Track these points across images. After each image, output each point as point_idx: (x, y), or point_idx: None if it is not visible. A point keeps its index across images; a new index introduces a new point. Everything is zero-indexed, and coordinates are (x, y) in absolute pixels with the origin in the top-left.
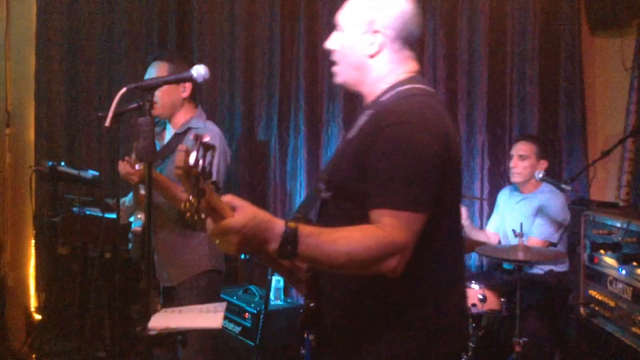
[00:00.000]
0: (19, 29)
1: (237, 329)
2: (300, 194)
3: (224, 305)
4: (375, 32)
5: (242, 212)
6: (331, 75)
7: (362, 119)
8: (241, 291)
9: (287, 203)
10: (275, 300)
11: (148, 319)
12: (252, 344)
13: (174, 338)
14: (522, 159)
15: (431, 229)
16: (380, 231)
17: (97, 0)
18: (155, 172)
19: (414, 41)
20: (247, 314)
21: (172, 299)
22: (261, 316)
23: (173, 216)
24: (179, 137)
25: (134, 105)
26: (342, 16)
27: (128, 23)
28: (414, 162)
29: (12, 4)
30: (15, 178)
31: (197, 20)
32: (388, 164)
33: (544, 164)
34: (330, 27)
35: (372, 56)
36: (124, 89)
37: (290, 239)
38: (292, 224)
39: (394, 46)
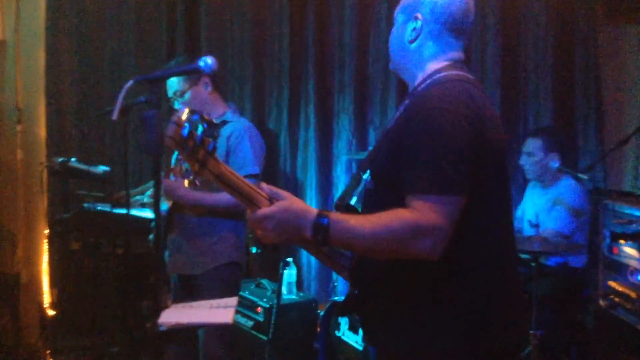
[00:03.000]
0: (29, 26)
1: (250, 324)
2: (311, 187)
3: (235, 300)
4: (416, 18)
5: (281, 200)
6: (341, 67)
7: (400, 109)
8: (253, 285)
9: (298, 196)
10: (288, 294)
11: (158, 314)
12: (265, 338)
13: (185, 334)
14: (529, 156)
15: (473, 213)
16: (408, 213)
17: None
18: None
19: (457, 29)
20: (259, 308)
21: (193, 288)
22: (273, 310)
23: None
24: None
25: (142, 99)
26: (400, 9)
27: (137, 17)
28: (443, 145)
29: (21, 1)
30: (27, 175)
31: (205, 13)
32: (417, 149)
33: (554, 156)
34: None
35: (411, 42)
36: (130, 82)
37: (322, 226)
38: (323, 212)
39: (433, 33)
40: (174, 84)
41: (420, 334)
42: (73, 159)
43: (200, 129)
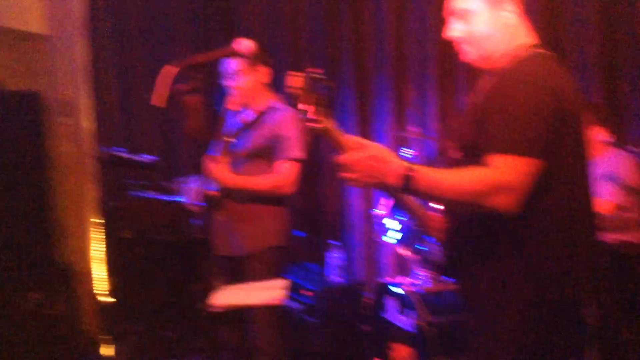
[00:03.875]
0: (72, 20)
1: (298, 307)
2: None
3: (284, 281)
4: (507, 3)
5: (364, 148)
6: (380, 48)
7: (486, 85)
8: (300, 269)
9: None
10: (335, 277)
11: (209, 296)
12: (314, 321)
13: (237, 315)
14: None
15: (551, 177)
16: (487, 170)
17: None
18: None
19: (528, 9)
20: (307, 291)
21: (239, 269)
22: (321, 293)
23: None
24: (261, 115)
25: (183, 85)
26: (462, 2)
27: (175, 8)
28: (525, 112)
29: None
30: (77, 166)
31: (241, 2)
32: (501, 114)
33: (600, 130)
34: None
35: (506, 25)
36: (174, 69)
37: (407, 174)
38: (409, 163)
39: (521, 14)
40: (233, 63)
41: (507, 293)
42: (121, 149)
43: (318, 82)
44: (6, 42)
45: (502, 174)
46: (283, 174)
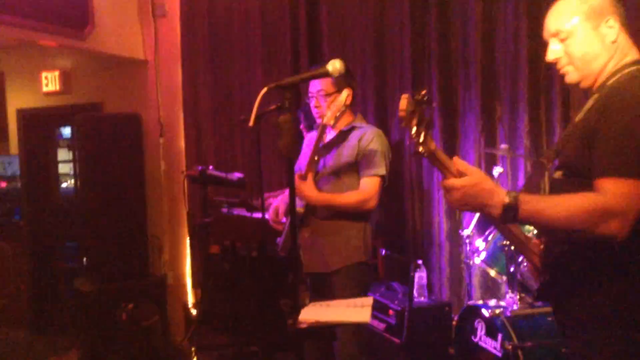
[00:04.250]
0: (166, 46)
1: (382, 326)
2: (438, 188)
3: (370, 300)
4: (607, 20)
5: (469, 175)
6: (466, 63)
7: (589, 103)
8: (383, 288)
9: (425, 199)
10: (419, 297)
11: (298, 312)
12: (398, 341)
13: (324, 332)
14: None
15: None
16: (600, 196)
17: (233, 14)
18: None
19: (627, 23)
20: (391, 310)
21: (325, 286)
22: (406, 313)
23: None
24: (344, 134)
25: (275, 105)
26: (561, 23)
27: (262, 33)
28: (631, 133)
29: (159, 24)
30: (170, 183)
31: (327, 25)
32: (611, 135)
33: None
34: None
35: (613, 42)
36: (264, 89)
37: (512, 205)
38: (513, 192)
39: (622, 29)
40: (318, 84)
41: (612, 319)
42: (210, 167)
43: (422, 106)
44: (108, 67)
45: (613, 199)
46: (367, 190)
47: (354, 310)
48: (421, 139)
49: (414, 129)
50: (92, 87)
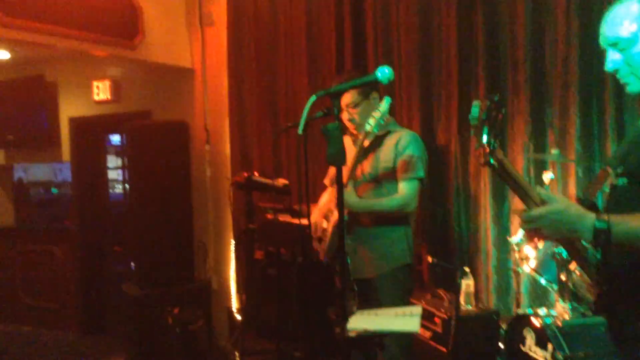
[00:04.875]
0: (213, 56)
1: (428, 334)
2: (484, 194)
3: (419, 308)
4: None
5: (555, 201)
6: (515, 65)
7: None
8: (429, 295)
9: (471, 205)
10: (466, 305)
11: (346, 320)
12: (445, 349)
13: (372, 341)
14: None
15: None
16: None
17: (279, 22)
18: None
19: None
20: (437, 318)
21: (370, 291)
22: (452, 321)
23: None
24: (379, 139)
25: (322, 113)
26: (619, 32)
27: (307, 40)
28: None
29: (206, 33)
30: (215, 189)
31: (372, 28)
32: None
33: None
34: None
35: None
36: (314, 97)
37: (604, 229)
38: (604, 216)
39: None
40: (348, 96)
41: None
42: (256, 174)
43: (494, 113)
44: (157, 76)
45: None
46: (407, 194)
47: (403, 319)
48: (492, 148)
49: (485, 138)
50: (141, 95)
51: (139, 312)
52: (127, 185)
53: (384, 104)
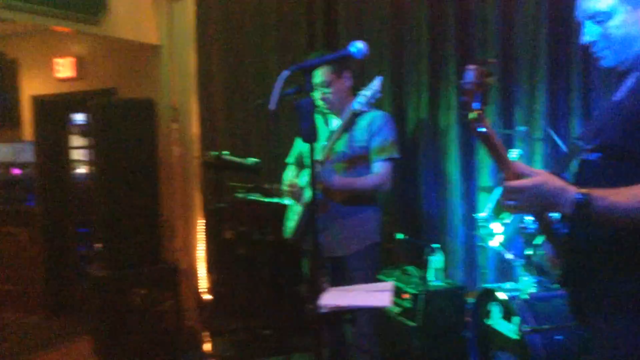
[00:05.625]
0: (180, 32)
1: (397, 310)
2: (453, 172)
3: (391, 284)
4: None
5: (536, 175)
6: (485, 44)
7: (630, 81)
8: (399, 272)
9: (440, 182)
10: (435, 281)
11: (317, 297)
12: (413, 324)
13: (342, 317)
14: None
15: None
16: None
17: (248, 1)
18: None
19: None
20: (406, 294)
21: (343, 269)
22: (421, 296)
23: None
24: (355, 115)
25: (294, 89)
26: (597, 5)
27: (277, 17)
28: None
29: (173, 9)
30: (183, 169)
31: (343, 6)
32: None
33: None
34: None
35: None
36: (286, 72)
37: (584, 202)
38: (583, 190)
39: None
40: (320, 74)
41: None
42: (225, 152)
43: (486, 79)
44: (122, 52)
45: None
46: (382, 174)
47: (375, 295)
48: (483, 115)
49: (479, 105)
50: (106, 73)
51: (104, 294)
52: (91, 166)
53: (376, 83)
